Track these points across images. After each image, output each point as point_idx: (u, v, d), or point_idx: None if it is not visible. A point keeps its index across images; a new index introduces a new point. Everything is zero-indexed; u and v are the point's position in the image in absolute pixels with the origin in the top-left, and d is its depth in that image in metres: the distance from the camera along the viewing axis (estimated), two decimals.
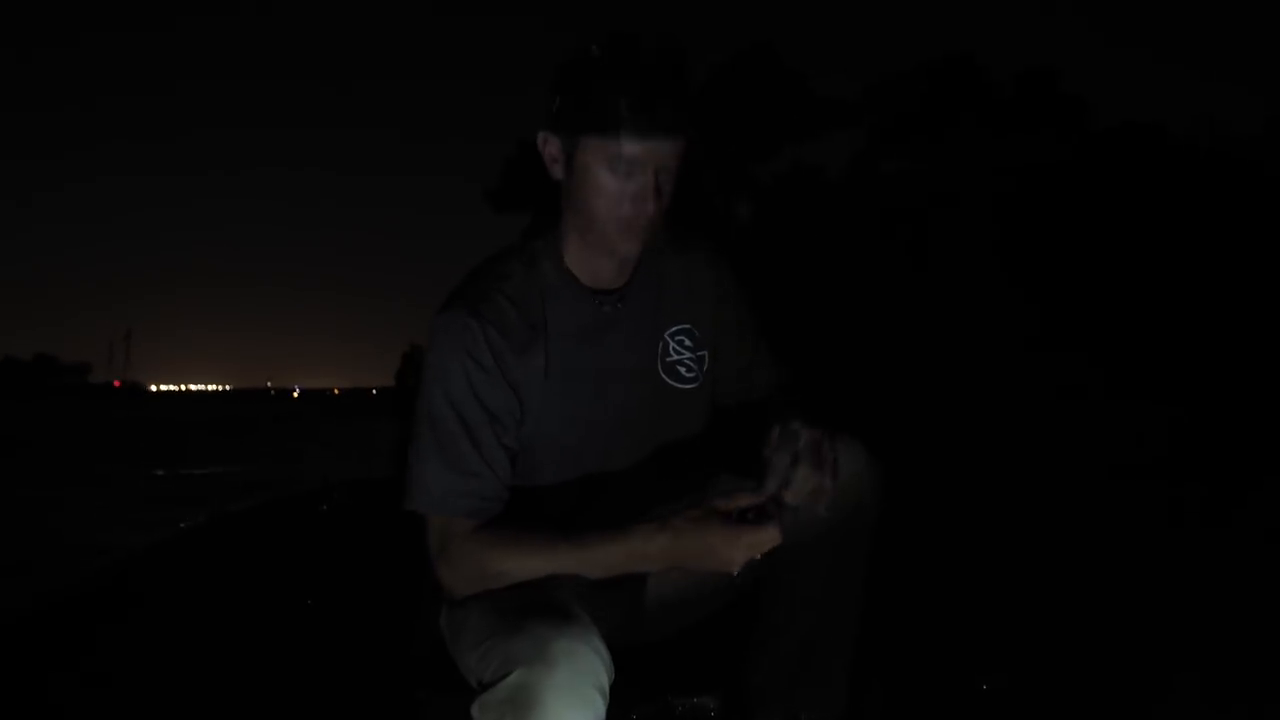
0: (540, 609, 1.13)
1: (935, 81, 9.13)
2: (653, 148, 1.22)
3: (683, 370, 1.43)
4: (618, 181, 1.24)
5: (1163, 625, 1.81)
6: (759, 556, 1.19)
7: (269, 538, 2.28)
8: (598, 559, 1.22)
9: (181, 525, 2.32)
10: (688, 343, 1.44)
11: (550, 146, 1.29)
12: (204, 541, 2.23)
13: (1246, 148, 5.94)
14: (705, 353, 1.45)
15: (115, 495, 9.18)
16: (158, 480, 10.70)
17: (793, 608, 1.39)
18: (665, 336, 1.42)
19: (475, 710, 1.11)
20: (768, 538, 1.18)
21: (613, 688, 1.10)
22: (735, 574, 1.20)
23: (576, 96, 1.23)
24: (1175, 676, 1.64)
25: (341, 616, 1.85)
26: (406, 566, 1.56)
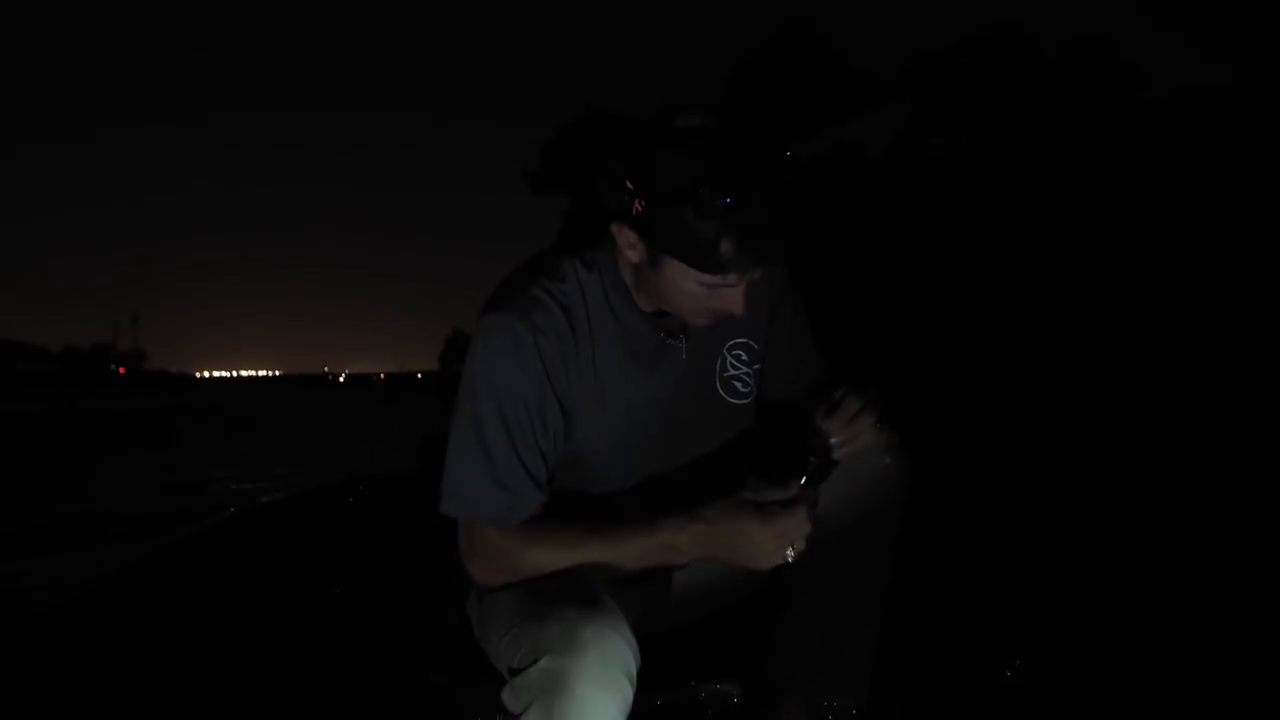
0: (569, 596, 1.11)
1: (980, 55, 8.91)
2: (749, 275, 1.16)
3: (739, 385, 1.40)
4: (706, 292, 1.18)
5: (1187, 614, 1.75)
6: (791, 554, 1.16)
7: (295, 530, 2.31)
8: (628, 552, 1.20)
9: (220, 516, 2.37)
10: (745, 357, 1.40)
11: (628, 235, 1.18)
12: (231, 533, 2.26)
13: None
14: (760, 366, 1.42)
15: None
16: None
17: (819, 596, 1.36)
18: (724, 351, 1.38)
19: (506, 696, 1.10)
20: (799, 523, 1.16)
21: (639, 674, 1.08)
22: (765, 572, 1.18)
23: (668, 217, 1.11)
24: (1198, 662, 1.58)
25: (367, 606, 1.86)
26: (431, 558, 1.54)
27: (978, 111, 8.82)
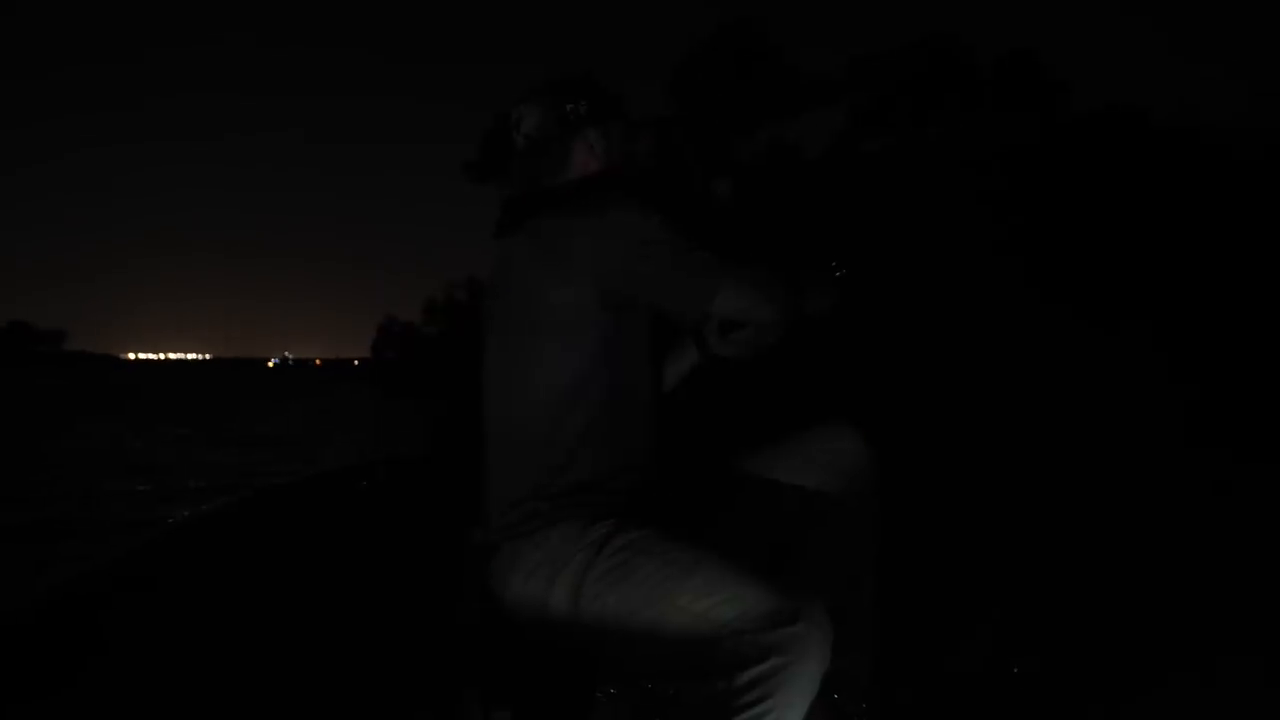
0: (740, 566, 1.13)
1: (919, 61, 9.05)
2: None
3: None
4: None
5: (1194, 610, 1.75)
6: None
7: (310, 513, 2.26)
8: None
9: (234, 498, 2.30)
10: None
11: (589, 138, 1.46)
12: (246, 516, 2.19)
13: (1228, 135, 5.94)
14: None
15: None
16: None
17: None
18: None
19: (723, 684, 1.09)
20: None
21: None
22: None
23: (596, 96, 1.48)
24: (1204, 659, 1.59)
25: (382, 592, 1.83)
26: (446, 543, 1.50)
27: (913, 116, 8.98)
